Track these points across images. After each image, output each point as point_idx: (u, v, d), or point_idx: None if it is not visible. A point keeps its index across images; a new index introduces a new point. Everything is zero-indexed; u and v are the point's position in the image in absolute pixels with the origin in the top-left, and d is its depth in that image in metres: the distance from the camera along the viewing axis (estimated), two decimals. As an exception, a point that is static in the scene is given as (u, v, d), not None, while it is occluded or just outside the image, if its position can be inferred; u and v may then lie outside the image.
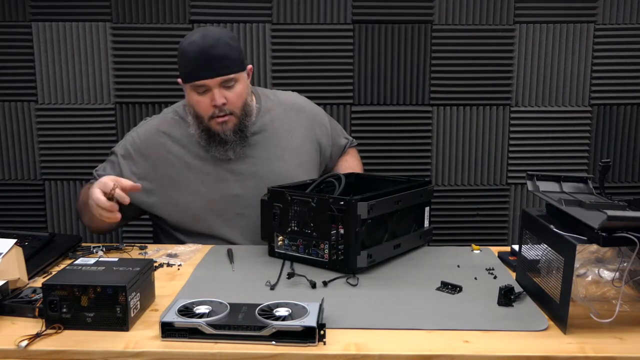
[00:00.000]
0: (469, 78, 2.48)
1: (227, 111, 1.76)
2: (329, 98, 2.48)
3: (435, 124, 2.51)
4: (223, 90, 1.74)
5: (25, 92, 2.49)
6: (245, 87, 1.80)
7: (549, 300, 1.26)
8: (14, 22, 2.44)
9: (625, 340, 1.15)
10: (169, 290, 1.40)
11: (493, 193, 2.56)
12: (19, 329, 1.19)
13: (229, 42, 1.74)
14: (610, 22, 2.45)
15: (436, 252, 1.66)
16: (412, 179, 1.77)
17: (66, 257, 1.63)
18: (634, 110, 2.52)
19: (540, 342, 1.14)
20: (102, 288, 1.17)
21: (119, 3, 2.42)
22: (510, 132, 2.52)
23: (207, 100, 1.74)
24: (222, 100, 1.74)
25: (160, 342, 1.14)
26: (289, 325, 1.13)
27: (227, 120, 1.77)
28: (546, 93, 2.49)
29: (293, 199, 1.55)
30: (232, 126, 1.78)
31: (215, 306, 1.20)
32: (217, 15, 2.43)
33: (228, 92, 1.75)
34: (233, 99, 1.76)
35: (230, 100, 1.75)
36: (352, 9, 2.43)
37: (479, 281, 1.47)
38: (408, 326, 1.21)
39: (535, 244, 1.36)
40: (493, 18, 2.44)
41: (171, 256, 1.65)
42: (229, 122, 1.77)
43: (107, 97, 2.49)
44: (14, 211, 2.55)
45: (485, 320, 1.24)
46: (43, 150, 2.52)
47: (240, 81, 1.77)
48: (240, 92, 1.77)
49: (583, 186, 1.43)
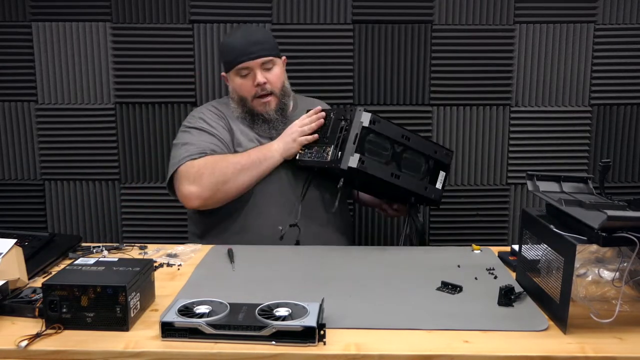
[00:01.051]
0: (469, 78, 2.48)
1: (269, 90, 1.94)
2: (329, 98, 2.48)
3: (435, 124, 2.51)
4: (264, 71, 1.93)
5: (25, 92, 2.49)
6: (283, 72, 2.00)
7: (549, 300, 1.26)
8: (14, 22, 2.44)
9: (625, 340, 1.15)
10: (169, 290, 1.40)
11: (493, 193, 2.56)
12: (19, 329, 1.19)
13: (267, 31, 2.03)
14: (610, 22, 2.45)
15: (436, 252, 1.66)
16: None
17: (66, 257, 1.63)
18: (634, 110, 2.52)
19: (540, 342, 1.15)
20: (102, 288, 1.18)
21: (119, 3, 2.42)
22: (510, 132, 2.52)
23: (250, 82, 1.93)
24: (264, 79, 1.92)
25: (161, 342, 1.14)
26: (289, 325, 1.13)
27: (270, 101, 1.95)
28: (546, 93, 2.49)
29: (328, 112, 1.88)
30: (274, 106, 1.96)
31: (215, 306, 1.20)
32: (217, 15, 2.43)
33: (268, 74, 1.94)
34: (273, 79, 1.94)
35: (271, 80, 1.94)
36: (352, 9, 2.43)
37: (479, 281, 1.47)
38: (408, 326, 1.21)
39: (535, 244, 1.36)
40: (493, 18, 2.44)
41: (171, 256, 1.65)
42: (272, 102, 1.96)
43: (107, 97, 2.49)
44: (14, 211, 2.55)
45: (485, 320, 1.24)
46: (43, 150, 2.52)
47: (278, 65, 1.97)
48: (279, 74, 1.97)
49: (583, 186, 1.43)
